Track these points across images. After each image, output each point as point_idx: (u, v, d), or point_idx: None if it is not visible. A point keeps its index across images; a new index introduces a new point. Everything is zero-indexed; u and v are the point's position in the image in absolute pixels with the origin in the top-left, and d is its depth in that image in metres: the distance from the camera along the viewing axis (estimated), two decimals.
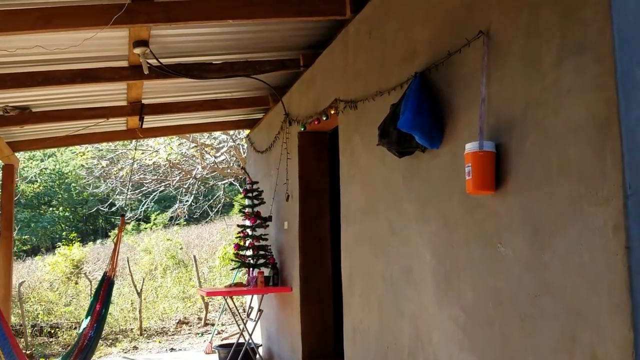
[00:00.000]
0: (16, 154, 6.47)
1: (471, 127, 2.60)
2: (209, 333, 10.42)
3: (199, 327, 11.54)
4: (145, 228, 20.81)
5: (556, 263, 2.06)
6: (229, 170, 10.77)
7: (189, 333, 11.34)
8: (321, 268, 5.12)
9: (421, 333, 3.02)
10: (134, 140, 11.34)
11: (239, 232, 5.75)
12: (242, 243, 5.71)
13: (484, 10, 2.53)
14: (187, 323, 11.95)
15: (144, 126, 6.56)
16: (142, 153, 10.97)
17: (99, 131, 6.55)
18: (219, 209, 14.05)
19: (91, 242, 20.71)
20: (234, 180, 10.81)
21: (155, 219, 20.95)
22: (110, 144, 11.47)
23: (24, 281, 12.40)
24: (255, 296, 6.19)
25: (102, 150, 11.72)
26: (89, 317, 3.98)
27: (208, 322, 11.30)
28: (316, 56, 4.79)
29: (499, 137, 2.42)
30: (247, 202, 5.90)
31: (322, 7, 3.98)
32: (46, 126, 5.93)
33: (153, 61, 4.53)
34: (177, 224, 18.37)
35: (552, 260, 2.09)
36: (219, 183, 13.24)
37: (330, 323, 5.04)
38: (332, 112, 4.34)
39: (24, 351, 10.06)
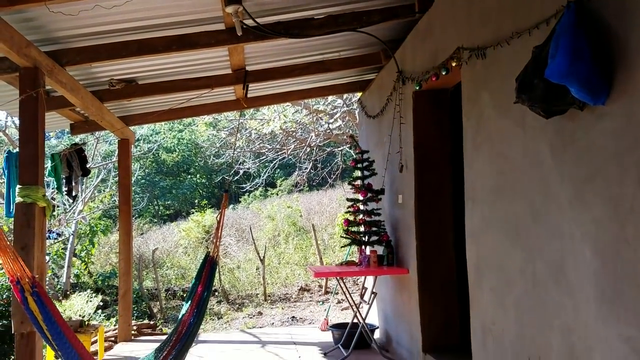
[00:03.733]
0: (131, 128, 6.51)
1: None
2: (329, 302, 10.24)
3: (319, 295, 11.44)
4: (272, 194, 21.37)
5: None
6: (344, 137, 10.27)
7: (310, 300, 11.29)
8: (443, 251, 4.43)
9: (577, 351, 2.28)
10: (252, 110, 11.32)
11: (349, 207, 5.22)
12: (352, 218, 5.19)
13: None
14: (308, 290, 11.93)
15: (249, 95, 6.28)
16: (259, 122, 10.87)
17: (208, 102, 6.37)
18: (337, 175, 13.73)
19: None
20: (349, 147, 10.30)
21: (280, 185, 21.41)
22: (229, 114, 11.53)
23: (157, 248, 13.16)
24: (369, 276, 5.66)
25: (222, 120, 11.85)
26: (189, 302, 3.71)
27: (329, 289, 11.16)
28: None
29: None
30: (357, 173, 5.33)
31: None
32: (154, 99, 5.83)
33: (250, 22, 4.10)
34: (299, 191, 18.53)
35: None
36: (336, 150, 12.87)
37: (455, 314, 4.37)
38: (454, 64, 3.57)
39: (158, 315, 10.69)
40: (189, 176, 25.98)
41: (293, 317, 9.75)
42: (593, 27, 2.09)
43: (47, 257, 10.61)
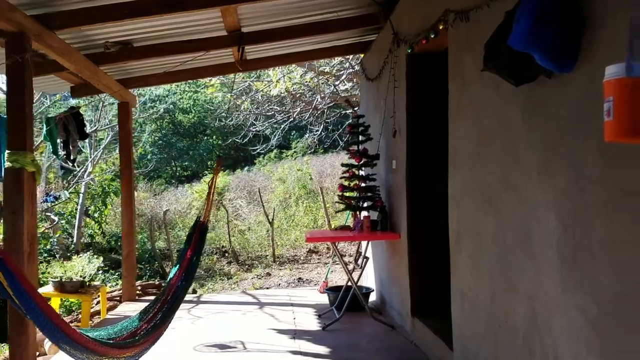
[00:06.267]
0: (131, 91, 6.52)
1: (622, 40, 1.71)
2: (337, 264, 10.36)
3: (327, 257, 11.58)
4: (287, 155, 21.40)
5: None
6: (354, 99, 10.15)
7: (318, 262, 11.45)
8: (433, 216, 4.42)
9: (538, 318, 2.29)
10: (259, 71, 11.19)
11: (344, 172, 5.22)
12: (347, 184, 5.19)
13: None
14: (316, 252, 12.07)
15: (249, 57, 6.22)
16: (265, 84, 10.77)
17: (207, 65, 6.33)
18: (348, 138, 13.63)
19: (239, 170, 21.86)
20: (357, 109, 10.18)
21: (295, 146, 21.40)
22: (237, 76, 11.43)
23: (168, 209, 13.37)
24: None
25: (227, 81, 11.76)
26: (177, 266, 3.78)
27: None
28: None
29: None
30: (352, 138, 5.30)
31: None
32: (152, 61, 5.80)
33: None
34: (311, 153, 18.52)
35: None
36: (348, 112, 12.75)
37: (443, 279, 4.39)
38: (441, 27, 3.48)
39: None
40: (205, 137, 26.07)
41: (300, 278, 9.90)
42: None
43: (61, 217, 10.89)
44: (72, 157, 5.36)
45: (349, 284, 5.28)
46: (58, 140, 5.19)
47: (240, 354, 4.23)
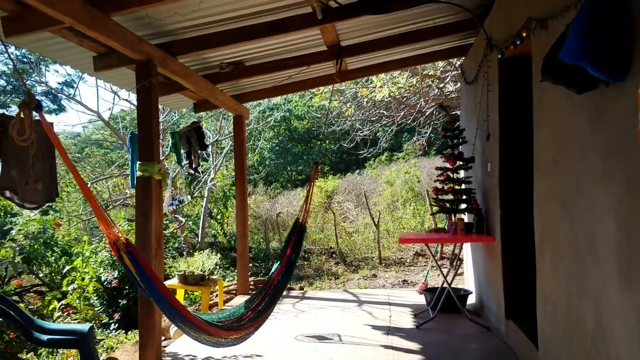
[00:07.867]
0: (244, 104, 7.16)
1: None
2: (445, 267, 10.33)
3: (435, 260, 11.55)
4: (398, 157, 21.51)
5: None
6: (458, 101, 10.08)
7: (424, 265, 11.47)
8: (526, 220, 4.40)
9: (603, 319, 2.35)
10: (363, 78, 11.49)
11: (438, 175, 5.35)
12: (441, 187, 5.31)
13: None
14: (423, 255, 12.08)
15: (349, 68, 6.56)
16: (370, 90, 11.04)
17: (310, 77, 6.77)
18: (444, 141, 13.45)
19: (349, 173, 22.40)
20: (453, 112, 10.09)
21: (406, 148, 21.45)
22: (341, 85, 11.82)
23: (280, 212, 14.15)
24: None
25: (325, 91, 12.24)
26: (279, 262, 4.21)
27: (444, 255, 11.21)
28: None
29: None
30: (446, 141, 5.41)
31: None
32: (261, 77, 6.34)
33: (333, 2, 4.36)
34: (421, 155, 18.44)
35: None
36: (458, 111, 12.59)
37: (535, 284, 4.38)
38: (524, 34, 3.54)
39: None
40: (319, 142, 26.90)
41: (405, 280, 10.01)
42: (613, 7, 2.06)
43: (188, 219, 12.06)
44: (194, 166, 6.07)
45: (445, 285, 5.39)
46: (182, 152, 5.91)
47: (335, 345, 4.56)
